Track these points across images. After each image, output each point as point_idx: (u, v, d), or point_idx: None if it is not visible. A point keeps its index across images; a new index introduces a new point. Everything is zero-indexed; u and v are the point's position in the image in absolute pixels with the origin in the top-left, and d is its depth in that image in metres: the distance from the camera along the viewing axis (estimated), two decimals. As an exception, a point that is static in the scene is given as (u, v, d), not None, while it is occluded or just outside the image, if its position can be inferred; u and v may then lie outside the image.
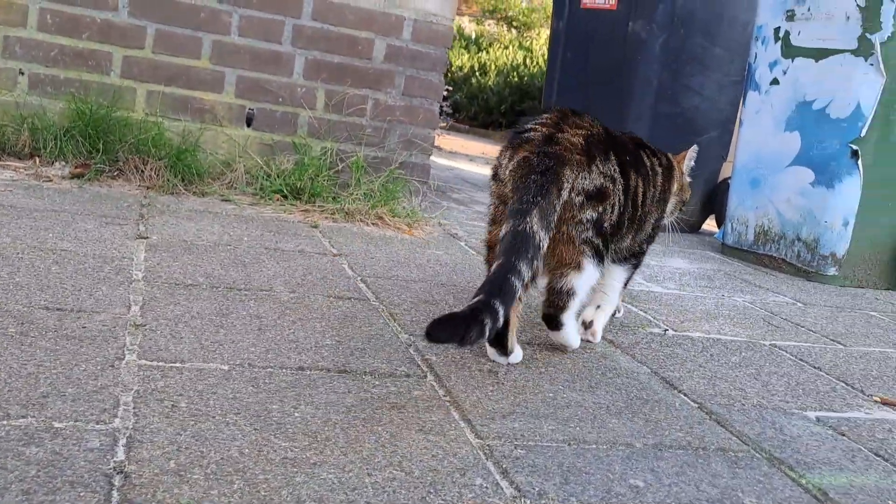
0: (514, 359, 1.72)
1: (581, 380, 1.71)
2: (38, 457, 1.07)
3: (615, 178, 1.75)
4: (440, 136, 7.26)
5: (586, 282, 1.76)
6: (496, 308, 1.50)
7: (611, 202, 1.74)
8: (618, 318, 2.24)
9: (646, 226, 1.97)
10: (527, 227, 1.58)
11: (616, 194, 1.75)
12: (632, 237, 1.92)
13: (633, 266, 2.05)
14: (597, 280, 1.82)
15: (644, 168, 1.90)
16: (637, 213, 1.88)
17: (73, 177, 2.90)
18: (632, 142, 1.95)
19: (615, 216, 1.77)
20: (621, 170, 1.77)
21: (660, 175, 1.99)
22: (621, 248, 1.91)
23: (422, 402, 1.45)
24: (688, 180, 2.21)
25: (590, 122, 1.79)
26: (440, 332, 1.46)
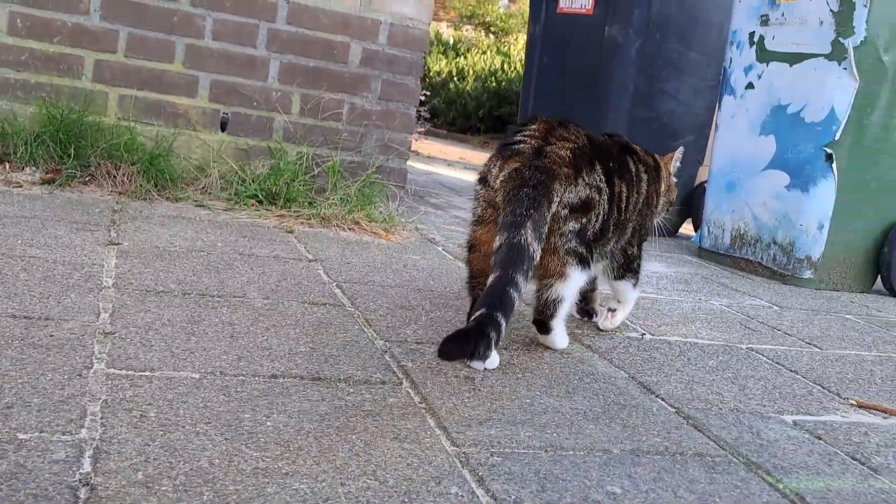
0: (490, 364, 1.71)
1: (558, 385, 1.69)
2: (0, 469, 1.04)
3: (601, 188, 1.83)
4: (418, 142, 7.25)
5: (573, 288, 1.85)
6: (499, 321, 1.59)
7: (595, 212, 1.82)
8: (595, 322, 2.24)
9: (629, 229, 2.03)
10: (522, 240, 1.66)
11: (601, 204, 1.84)
12: (615, 240, 1.99)
13: (633, 275, 2.15)
14: (585, 282, 1.91)
15: (629, 174, 1.98)
16: (621, 217, 1.95)
17: (43, 182, 2.86)
18: (618, 146, 2.01)
19: (599, 224, 1.84)
20: (606, 178, 1.85)
21: (644, 181, 2.06)
22: (605, 251, 1.98)
23: (397, 410, 1.43)
24: (674, 181, 2.26)
25: (575, 133, 1.86)
26: (452, 350, 1.55)
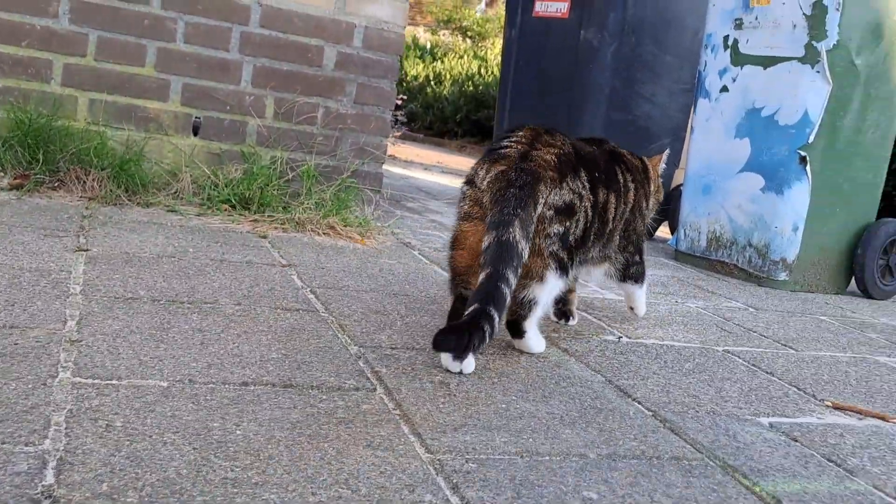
0: (466, 368, 1.70)
1: (534, 390, 1.68)
2: (-43, 484, 1.01)
3: (583, 195, 1.86)
4: (395, 146, 7.23)
5: (549, 293, 1.86)
6: (492, 314, 1.62)
7: (576, 218, 1.85)
8: (571, 325, 2.23)
9: (615, 237, 2.08)
10: (510, 238, 1.68)
11: (583, 210, 1.86)
12: (599, 249, 2.03)
13: (637, 275, 2.24)
14: (560, 290, 1.91)
15: (616, 185, 2.01)
16: (606, 227, 1.99)
17: (11, 188, 2.80)
18: (606, 155, 2.05)
19: (580, 231, 1.87)
20: (591, 187, 1.89)
21: (632, 189, 2.10)
22: (587, 258, 2.01)
23: (370, 417, 1.41)
24: (661, 181, 2.35)
25: (561, 141, 1.89)
26: (446, 342, 1.61)
